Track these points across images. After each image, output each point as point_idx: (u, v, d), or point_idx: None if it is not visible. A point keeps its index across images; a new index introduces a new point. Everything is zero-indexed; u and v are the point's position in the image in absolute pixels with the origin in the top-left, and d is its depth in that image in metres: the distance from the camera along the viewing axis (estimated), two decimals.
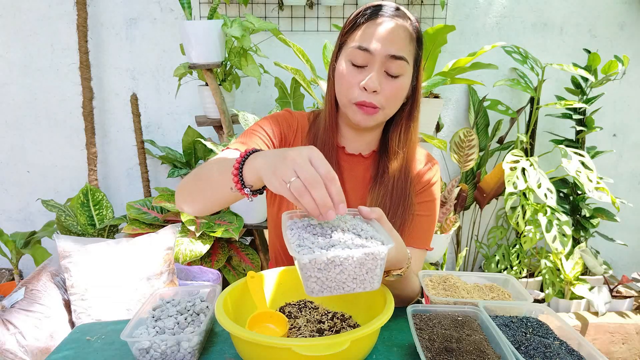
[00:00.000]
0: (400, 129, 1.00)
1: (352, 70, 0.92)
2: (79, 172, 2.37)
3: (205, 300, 0.87)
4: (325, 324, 0.80)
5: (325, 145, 1.00)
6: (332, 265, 0.60)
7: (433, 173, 1.07)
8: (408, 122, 1.00)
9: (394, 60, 0.90)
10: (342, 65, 0.94)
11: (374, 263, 0.62)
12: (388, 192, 0.99)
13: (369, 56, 0.90)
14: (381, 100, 0.92)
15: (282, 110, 1.09)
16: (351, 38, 0.93)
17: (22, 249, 2.06)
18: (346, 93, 0.94)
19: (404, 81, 0.93)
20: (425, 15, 2.26)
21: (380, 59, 0.89)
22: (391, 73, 0.91)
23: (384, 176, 1.01)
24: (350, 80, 0.92)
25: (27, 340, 1.36)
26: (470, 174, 2.40)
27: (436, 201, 1.07)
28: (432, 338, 0.74)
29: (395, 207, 0.99)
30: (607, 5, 2.27)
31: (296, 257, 0.60)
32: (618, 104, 2.40)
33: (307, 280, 0.61)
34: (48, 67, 2.25)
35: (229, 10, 2.22)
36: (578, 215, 2.34)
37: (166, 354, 0.73)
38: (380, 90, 0.91)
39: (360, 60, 0.91)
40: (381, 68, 0.91)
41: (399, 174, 1.00)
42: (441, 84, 1.75)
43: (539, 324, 0.80)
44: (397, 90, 0.92)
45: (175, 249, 1.71)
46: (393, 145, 1.01)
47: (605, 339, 2.19)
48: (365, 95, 0.91)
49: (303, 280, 0.62)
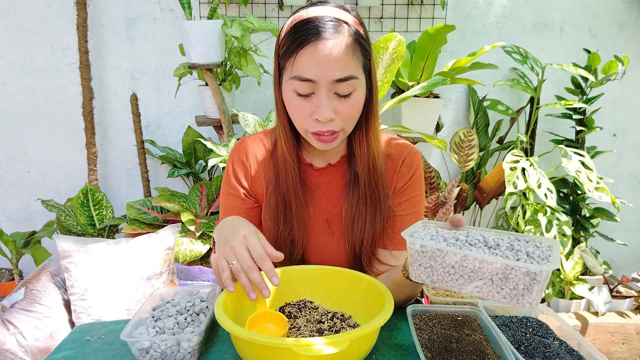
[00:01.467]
0: (362, 130, 0.94)
1: (300, 102, 0.85)
2: (79, 172, 2.37)
3: (205, 300, 0.87)
4: (325, 324, 0.80)
5: (290, 167, 0.95)
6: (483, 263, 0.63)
7: (411, 167, 0.99)
8: (368, 123, 0.94)
9: (341, 83, 0.82)
10: (288, 96, 0.87)
11: (517, 280, 0.61)
12: (362, 196, 0.95)
13: (313, 85, 0.83)
14: (339, 123, 0.86)
15: (230, 154, 1.04)
16: (288, 64, 0.84)
17: (22, 249, 2.06)
18: (300, 124, 0.89)
19: (357, 97, 0.86)
20: (425, 15, 2.26)
21: (326, 85, 0.82)
22: (342, 94, 0.84)
23: (355, 181, 0.96)
24: (301, 112, 0.86)
25: (27, 340, 1.36)
26: (470, 174, 2.40)
27: (420, 195, 1.01)
28: (432, 338, 0.74)
29: (372, 211, 0.95)
30: (607, 5, 2.27)
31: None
32: (618, 104, 2.40)
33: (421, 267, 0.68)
34: (48, 67, 2.25)
35: (229, 10, 2.22)
36: (578, 215, 2.34)
37: (166, 354, 0.73)
38: (334, 116, 0.85)
39: (305, 90, 0.84)
40: (330, 92, 0.84)
41: (368, 176, 0.95)
42: (441, 84, 1.75)
43: (538, 324, 0.80)
44: (352, 109, 0.86)
45: (175, 249, 1.71)
46: (357, 146, 0.95)
47: (605, 339, 2.19)
48: (320, 125, 0.85)
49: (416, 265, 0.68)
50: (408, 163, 0.99)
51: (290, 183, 0.96)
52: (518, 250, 0.65)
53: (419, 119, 2.02)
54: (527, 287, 0.60)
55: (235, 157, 1.03)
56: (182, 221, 1.90)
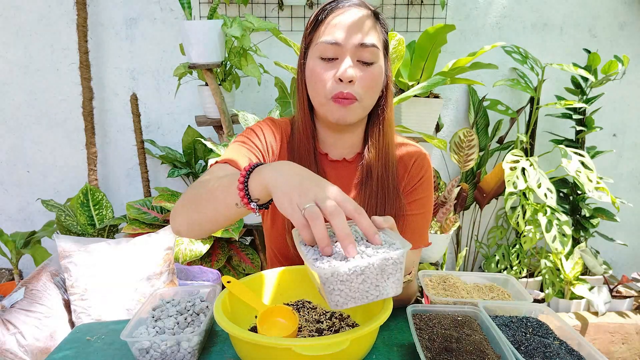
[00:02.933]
0: (379, 120, 0.97)
1: (324, 65, 0.89)
2: (79, 172, 2.37)
3: (205, 300, 0.87)
4: (324, 323, 0.80)
5: (306, 153, 0.97)
6: (353, 275, 0.59)
7: (422, 168, 1.02)
8: (383, 113, 0.96)
9: (365, 48, 0.87)
10: (311, 63, 0.90)
11: (394, 267, 0.61)
12: (374, 193, 0.96)
13: (338, 48, 0.87)
14: (358, 90, 0.88)
15: (264, 119, 1.04)
16: (316, 36, 0.90)
17: (22, 249, 2.06)
18: (321, 90, 0.90)
19: (377, 69, 0.90)
20: (425, 15, 2.26)
21: (351, 49, 0.87)
22: (365, 60, 0.88)
23: (368, 176, 0.98)
24: (323, 75, 0.88)
25: (27, 340, 1.36)
26: (470, 174, 2.40)
27: (429, 196, 1.03)
28: (432, 338, 0.74)
29: (382, 208, 0.96)
30: (607, 5, 2.27)
31: (318, 272, 0.58)
32: (618, 104, 2.40)
33: (331, 294, 0.60)
34: (48, 67, 2.25)
35: (228, 10, 2.22)
36: (578, 215, 2.34)
37: (166, 354, 0.73)
38: (356, 79, 0.87)
39: (331, 54, 0.88)
40: (353, 57, 0.88)
41: (382, 173, 0.97)
42: (441, 84, 1.75)
43: (538, 324, 0.80)
44: (373, 77, 0.89)
45: (175, 248, 1.71)
46: (373, 138, 0.97)
47: (605, 339, 2.19)
48: (341, 86, 0.87)
49: (326, 294, 0.61)
50: (418, 165, 1.01)
51: (305, 163, 0.96)
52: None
53: (418, 119, 2.02)
54: (396, 272, 0.62)
55: (270, 123, 1.03)
56: None
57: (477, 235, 2.52)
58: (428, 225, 1.04)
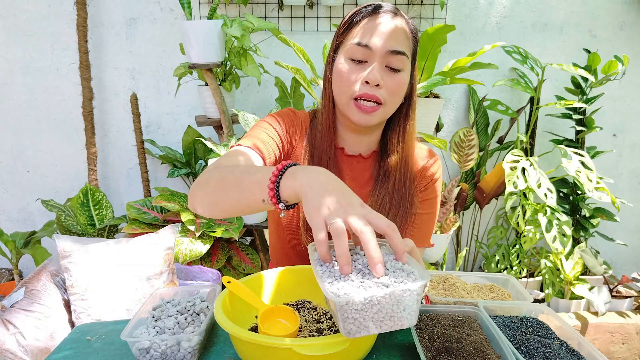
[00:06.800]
0: (399, 129, 1.00)
1: (352, 66, 0.91)
2: (79, 172, 2.37)
3: (205, 300, 0.87)
4: (324, 323, 0.80)
5: (324, 146, 0.99)
6: (369, 305, 0.58)
7: (436, 168, 1.06)
8: (405, 121, 1.00)
9: (394, 55, 0.89)
10: (340, 63, 0.92)
11: (411, 299, 0.59)
12: (388, 193, 0.99)
13: (368, 52, 0.89)
14: (384, 95, 0.91)
15: (285, 109, 1.07)
16: (349, 36, 0.92)
17: (22, 249, 2.06)
18: (346, 90, 0.92)
19: (404, 77, 0.92)
20: (425, 15, 2.26)
21: (381, 54, 0.89)
22: (393, 67, 0.90)
23: (384, 177, 1.00)
24: (351, 76, 0.91)
25: (27, 340, 1.36)
26: (470, 173, 2.40)
27: (437, 198, 1.07)
28: (432, 338, 0.74)
29: (395, 208, 0.99)
30: (607, 5, 2.27)
31: (333, 300, 0.57)
32: (618, 104, 2.40)
33: (345, 321, 0.59)
34: (48, 67, 2.25)
35: (228, 10, 2.22)
36: (578, 215, 2.34)
37: (166, 354, 0.73)
38: (382, 84, 0.90)
39: (360, 56, 0.90)
40: (382, 63, 0.90)
41: (398, 174, 1.00)
42: (441, 84, 1.75)
43: (539, 324, 0.80)
44: (399, 84, 0.92)
45: (175, 248, 1.71)
46: (392, 145, 1.01)
47: (605, 339, 2.19)
48: (367, 88, 0.90)
49: (340, 321, 0.59)
50: (431, 166, 1.06)
51: (324, 156, 0.99)
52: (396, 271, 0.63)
53: (418, 119, 2.01)
54: (413, 304, 0.59)
55: (292, 113, 1.05)
56: (182, 221, 1.90)
57: (477, 235, 2.52)
58: (433, 227, 1.07)
